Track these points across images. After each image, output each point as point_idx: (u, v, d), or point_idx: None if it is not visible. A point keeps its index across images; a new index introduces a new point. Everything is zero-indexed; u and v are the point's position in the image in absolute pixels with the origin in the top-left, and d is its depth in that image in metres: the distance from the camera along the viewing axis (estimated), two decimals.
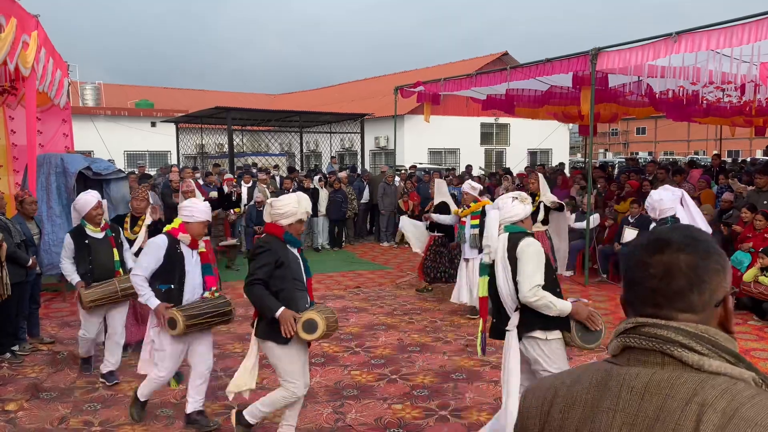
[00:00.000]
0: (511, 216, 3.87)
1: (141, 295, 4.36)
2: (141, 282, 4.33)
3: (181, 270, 4.39)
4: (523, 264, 3.61)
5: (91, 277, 5.32)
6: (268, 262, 3.89)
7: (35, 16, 8.17)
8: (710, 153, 32.92)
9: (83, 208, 5.38)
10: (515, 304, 3.71)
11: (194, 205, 4.53)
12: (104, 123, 24.46)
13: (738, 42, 7.09)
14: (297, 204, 4.12)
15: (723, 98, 12.03)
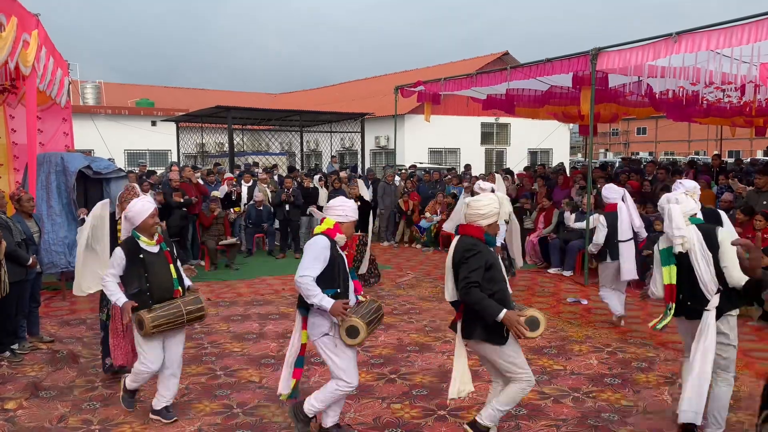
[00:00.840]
0: (691, 209, 4.31)
1: (311, 297, 3.95)
2: (311, 283, 3.96)
3: (344, 273, 4.16)
4: (728, 251, 4.00)
5: (151, 297, 4.48)
6: (480, 265, 3.87)
7: (35, 15, 8.18)
8: (711, 153, 32.90)
9: (138, 216, 4.51)
10: (716, 287, 4.10)
11: (345, 204, 4.28)
12: (105, 122, 24.48)
13: (738, 42, 7.09)
14: (498, 205, 4.07)
15: (723, 98, 12.03)
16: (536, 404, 4.92)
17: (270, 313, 7.83)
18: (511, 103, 13.52)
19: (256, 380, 5.47)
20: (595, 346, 6.39)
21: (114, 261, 4.53)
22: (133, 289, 4.47)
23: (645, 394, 5.10)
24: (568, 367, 5.75)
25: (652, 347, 6.32)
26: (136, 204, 4.55)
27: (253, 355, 6.16)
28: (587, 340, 6.60)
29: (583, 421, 4.60)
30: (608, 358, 6.01)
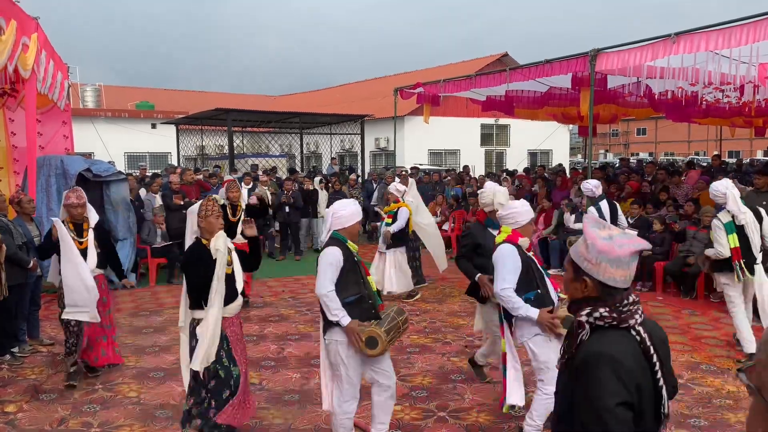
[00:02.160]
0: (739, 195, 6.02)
1: (516, 309, 3.94)
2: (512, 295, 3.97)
3: (539, 274, 4.15)
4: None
5: (372, 306, 3.98)
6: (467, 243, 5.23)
7: (35, 18, 8.19)
8: (711, 153, 32.89)
9: (350, 219, 4.04)
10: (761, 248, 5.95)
11: (515, 208, 4.25)
12: (104, 125, 24.51)
13: (737, 43, 7.10)
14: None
15: (722, 99, 12.04)
16: None
17: (270, 315, 7.82)
18: (510, 105, 13.54)
19: (256, 382, 5.46)
20: None
21: (332, 265, 3.83)
22: (351, 295, 3.88)
23: None
24: None
25: None
26: (349, 206, 4.11)
27: (254, 358, 6.15)
28: None
29: None
30: None
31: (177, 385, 5.42)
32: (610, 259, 1.89)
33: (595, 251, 1.91)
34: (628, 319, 1.87)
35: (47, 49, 8.84)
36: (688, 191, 11.11)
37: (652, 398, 1.84)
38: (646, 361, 1.84)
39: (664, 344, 1.97)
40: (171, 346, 6.51)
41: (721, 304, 7.98)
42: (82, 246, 5.31)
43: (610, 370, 1.76)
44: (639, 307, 1.91)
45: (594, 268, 1.91)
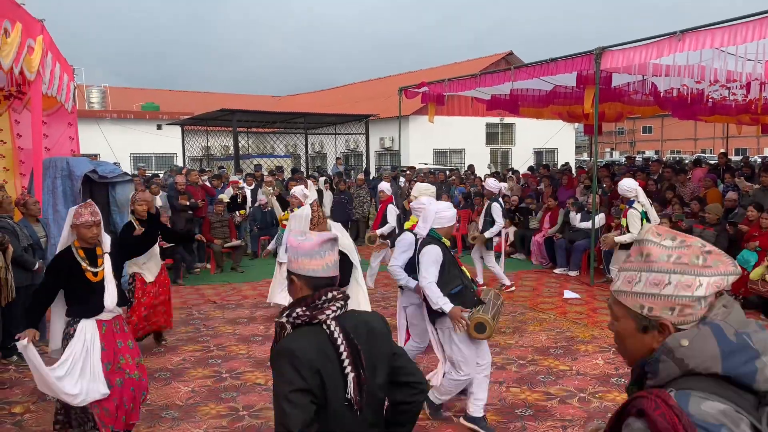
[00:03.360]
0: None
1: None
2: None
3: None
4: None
5: (474, 294, 4.41)
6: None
7: (41, 20, 8.21)
8: (717, 151, 32.76)
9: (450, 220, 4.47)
10: None
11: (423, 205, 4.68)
12: (110, 126, 24.58)
13: (742, 40, 7.05)
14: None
15: (728, 96, 11.98)
16: (542, 405, 4.90)
17: (275, 315, 7.82)
18: (515, 103, 13.50)
19: (262, 383, 5.47)
20: (601, 346, 6.37)
21: (434, 259, 4.23)
22: (456, 287, 4.27)
23: None
24: (574, 368, 5.73)
25: None
26: (450, 210, 4.49)
27: (259, 358, 6.17)
28: (593, 340, 6.58)
29: (589, 421, 4.59)
30: (615, 358, 5.98)
31: (183, 386, 5.44)
32: (304, 253, 2.13)
33: (291, 250, 2.16)
34: (319, 315, 2.05)
35: (53, 51, 8.86)
36: (694, 189, 11.06)
37: (341, 384, 2.02)
38: (334, 351, 2.02)
39: (373, 335, 2.14)
40: (176, 346, 6.53)
41: None
42: (98, 278, 4.16)
43: (287, 362, 1.97)
44: (338, 302, 2.09)
45: (294, 265, 2.14)
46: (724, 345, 1.27)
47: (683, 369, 1.28)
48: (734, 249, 8.17)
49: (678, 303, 1.34)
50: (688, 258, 1.36)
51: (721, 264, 1.35)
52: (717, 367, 1.26)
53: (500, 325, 7.16)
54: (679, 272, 1.34)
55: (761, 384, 1.25)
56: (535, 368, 5.74)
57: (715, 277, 1.33)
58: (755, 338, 1.29)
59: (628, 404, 1.31)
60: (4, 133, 9.45)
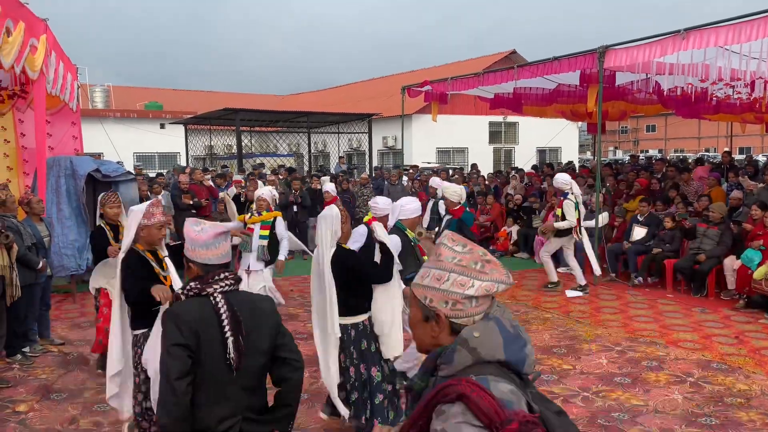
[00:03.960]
0: None
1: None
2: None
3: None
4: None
5: None
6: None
7: (44, 20, 8.22)
8: (721, 150, 32.69)
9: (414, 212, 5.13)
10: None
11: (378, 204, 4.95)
12: (113, 125, 24.61)
13: (747, 38, 7.03)
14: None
15: (732, 95, 11.94)
16: None
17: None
18: (518, 102, 13.48)
19: None
20: (604, 345, 6.36)
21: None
22: (411, 272, 4.71)
23: (655, 393, 5.07)
24: (577, 367, 5.72)
25: (663, 346, 6.29)
26: (414, 202, 5.17)
27: None
28: (597, 339, 6.57)
29: (593, 420, 4.58)
30: (618, 357, 5.98)
31: None
32: (201, 244, 2.54)
33: (189, 241, 2.56)
34: (207, 288, 2.46)
35: (57, 51, 8.88)
36: (697, 188, 11.04)
37: (221, 347, 2.39)
38: (216, 318, 2.40)
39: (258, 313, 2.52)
40: None
41: (731, 302, 7.93)
42: (168, 282, 3.87)
43: (172, 321, 2.38)
44: (227, 281, 2.49)
45: (192, 254, 2.55)
46: (506, 335, 1.48)
47: (475, 357, 1.46)
48: (738, 248, 8.15)
49: (451, 298, 1.53)
50: (467, 262, 1.56)
51: (496, 272, 1.55)
52: (501, 354, 1.46)
53: None
54: (458, 272, 1.54)
55: (527, 368, 1.50)
56: (538, 367, 5.73)
57: (486, 282, 1.53)
58: (522, 330, 1.54)
59: (435, 394, 1.43)
60: (8, 132, 9.47)
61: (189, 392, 2.34)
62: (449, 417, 1.37)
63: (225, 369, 2.40)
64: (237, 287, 2.54)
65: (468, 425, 1.36)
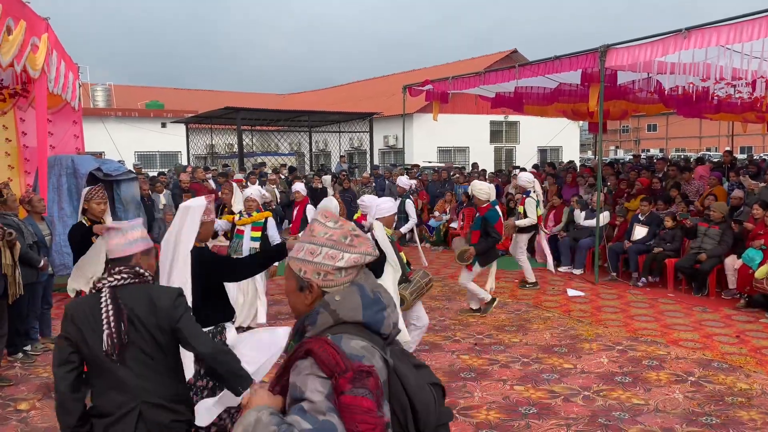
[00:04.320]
0: None
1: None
2: None
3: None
4: None
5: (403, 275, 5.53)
6: None
7: (45, 18, 8.22)
8: (722, 149, 32.67)
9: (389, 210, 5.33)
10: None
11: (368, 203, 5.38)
12: (115, 124, 24.64)
13: (748, 37, 7.03)
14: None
15: (734, 94, 11.94)
16: (546, 403, 4.90)
17: (279, 312, 7.85)
18: (519, 101, 13.47)
19: (266, 380, 5.48)
20: (605, 344, 6.36)
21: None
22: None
23: (656, 392, 5.07)
24: (578, 366, 5.72)
25: (663, 345, 6.29)
26: (389, 202, 5.37)
27: None
28: (597, 338, 6.57)
29: (593, 419, 4.58)
30: (619, 356, 5.98)
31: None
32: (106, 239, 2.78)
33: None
34: (98, 284, 2.65)
35: (58, 50, 8.88)
36: (698, 187, 11.03)
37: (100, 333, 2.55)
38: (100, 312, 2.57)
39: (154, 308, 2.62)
40: None
41: (732, 301, 7.93)
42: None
43: (65, 315, 2.62)
44: (120, 275, 2.65)
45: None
46: (365, 299, 1.67)
47: (335, 318, 1.64)
48: (739, 247, 8.15)
49: (323, 270, 1.70)
50: (337, 237, 1.73)
51: (363, 246, 1.73)
52: (359, 316, 1.65)
53: (504, 323, 7.22)
54: (329, 246, 1.72)
55: (385, 329, 1.68)
56: (539, 366, 5.74)
57: (355, 255, 1.71)
58: (384, 296, 1.73)
59: (294, 353, 1.61)
60: (9, 131, 9.48)
61: (67, 378, 2.56)
62: (301, 370, 1.56)
63: (107, 360, 2.56)
64: (135, 281, 2.67)
65: (314, 376, 1.53)
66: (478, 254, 7.33)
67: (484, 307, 7.62)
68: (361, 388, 1.49)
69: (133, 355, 2.59)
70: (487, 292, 7.70)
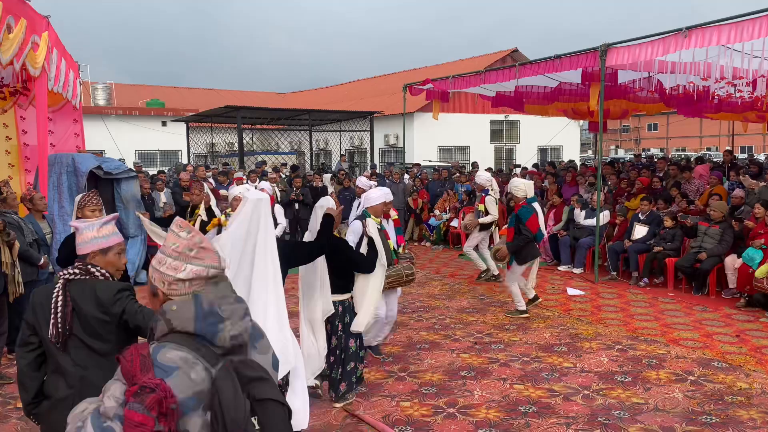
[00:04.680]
0: None
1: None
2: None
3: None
4: None
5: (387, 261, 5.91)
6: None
7: (46, 16, 8.22)
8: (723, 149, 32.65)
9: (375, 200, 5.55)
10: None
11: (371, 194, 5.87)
12: (115, 123, 24.63)
13: (749, 37, 7.02)
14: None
15: (734, 94, 11.93)
16: (546, 402, 4.90)
17: None
18: (520, 100, 13.48)
19: None
20: (605, 343, 6.37)
21: (351, 229, 5.46)
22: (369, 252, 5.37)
23: (656, 391, 5.07)
24: (578, 365, 5.73)
25: (663, 344, 6.29)
26: (377, 191, 5.61)
27: None
28: (597, 337, 6.57)
29: (593, 418, 4.59)
30: (619, 355, 5.98)
31: None
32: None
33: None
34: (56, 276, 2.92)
35: (59, 48, 8.88)
36: (699, 186, 11.03)
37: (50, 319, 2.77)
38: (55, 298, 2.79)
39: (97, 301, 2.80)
40: None
41: (732, 301, 7.93)
42: None
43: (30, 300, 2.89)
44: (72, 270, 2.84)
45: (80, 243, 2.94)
46: (199, 311, 1.70)
47: (169, 327, 1.69)
48: (740, 246, 8.15)
49: (166, 279, 1.81)
50: (183, 248, 1.82)
51: (208, 258, 1.83)
52: (191, 326, 1.68)
53: (504, 321, 7.23)
54: (173, 258, 1.82)
55: (220, 341, 1.69)
56: (539, 365, 5.74)
57: (197, 267, 1.81)
58: (225, 308, 1.73)
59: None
60: (10, 129, 9.48)
61: (25, 358, 2.81)
62: (115, 374, 1.67)
63: (54, 347, 2.78)
64: (85, 277, 2.87)
65: (119, 382, 1.64)
66: (512, 252, 7.26)
67: (513, 311, 7.46)
68: (137, 404, 1.53)
69: (76, 344, 2.78)
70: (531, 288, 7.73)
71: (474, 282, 9.49)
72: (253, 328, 1.85)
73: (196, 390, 1.63)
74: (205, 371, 1.66)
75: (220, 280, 1.88)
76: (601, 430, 4.41)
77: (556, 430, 4.42)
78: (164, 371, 1.60)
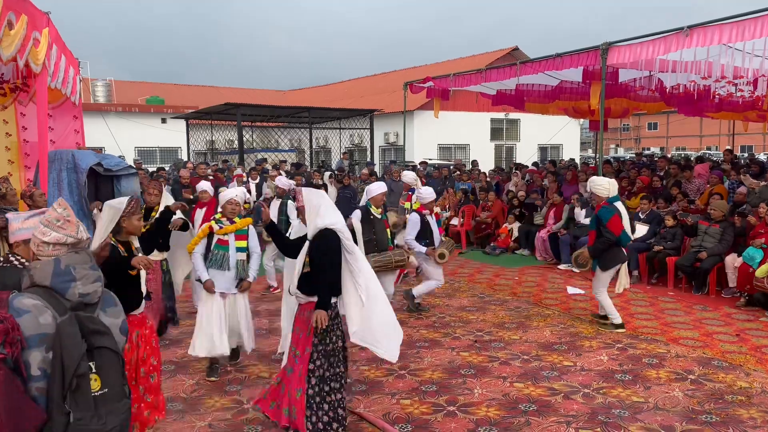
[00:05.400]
0: None
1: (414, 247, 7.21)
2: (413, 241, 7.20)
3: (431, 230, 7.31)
4: None
5: (376, 246, 6.60)
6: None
7: (46, 13, 8.20)
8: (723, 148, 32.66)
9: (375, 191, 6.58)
10: None
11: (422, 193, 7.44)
12: (115, 119, 24.61)
13: (750, 36, 7.02)
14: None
15: (735, 93, 11.93)
16: (546, 400, 4.90)
17: (279, 308, 7.82)
18: (520, 99, 13.48)
19: (266, 376, 5.49)
20: (605, 342, 6.37)
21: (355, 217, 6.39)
22: (366, 237, 6.28)
23: (656, 390, 5.07)
24: (578, 363, 5.73)
25: (663, 343, 6.29)
26: (377, 184, 6.67)
27: (263, 351, 6.18)
28: (597, 336, 6.57)
29: (593, 417, 4.59)
30: (619, 354, 5.98)
31: (187, 378, 5.46)
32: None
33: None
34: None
35: (59, 44, 8.86)
36: (699, 186, 11.02)
37: None
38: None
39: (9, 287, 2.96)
40: (182, 339, 6.54)
41: (733, 300, 7.93)
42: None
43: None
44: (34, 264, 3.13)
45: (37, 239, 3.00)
46: (56, 270, 2.29)
47: (32, 281, 2.28)
48: (740, 246, 8.14)
49: (36, 241, 2.40)
50: (52, 218, 2.41)
51: (69, 229, 2.41)
52: (47, 281, 2.27)
53: (504, 320, 7.23)
54: (44, 225, 2.41)
55: (70, 296, 2.28)
56: (539, 364, 5.74)
57: (59, 234, 2.39)
58: (80, 271, 2.34)
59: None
60: (10, 125, 9.47)
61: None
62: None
63: None
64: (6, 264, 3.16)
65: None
66: (594, 257, 6.71)
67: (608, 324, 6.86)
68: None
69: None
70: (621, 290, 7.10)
71: (473, 281, 9.49)
72: (107, 295, 2.45)
73: (41, 331, 2.15)
74: (53, 318, 2.18)
75: (80, 249, 2.42)
76: (601, 428, 4.41)
77: (557, 428, 4.42)
78: (17, 312, 2.13)
